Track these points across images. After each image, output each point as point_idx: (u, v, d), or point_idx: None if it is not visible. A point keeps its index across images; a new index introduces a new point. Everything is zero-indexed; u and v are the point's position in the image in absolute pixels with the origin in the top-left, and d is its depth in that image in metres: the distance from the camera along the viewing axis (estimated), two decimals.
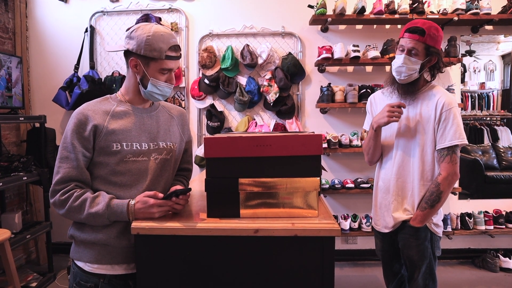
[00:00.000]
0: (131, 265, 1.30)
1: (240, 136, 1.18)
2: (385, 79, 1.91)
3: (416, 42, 1.68)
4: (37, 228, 3.03)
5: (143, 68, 1.30)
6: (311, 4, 3.24)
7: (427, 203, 1.73)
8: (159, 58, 1.27)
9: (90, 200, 1.22)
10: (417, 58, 1.69)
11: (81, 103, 3.39)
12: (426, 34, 1.66)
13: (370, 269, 3.45)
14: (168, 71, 1.33)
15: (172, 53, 1.30)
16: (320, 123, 3.50)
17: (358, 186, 3.31)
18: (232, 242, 1.15)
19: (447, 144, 1.69)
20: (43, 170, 3.00)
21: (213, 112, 3.41)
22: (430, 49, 1.69)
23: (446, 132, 1.69)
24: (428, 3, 3.23)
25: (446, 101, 1.70)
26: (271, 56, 3.32)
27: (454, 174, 1.70)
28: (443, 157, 1.71)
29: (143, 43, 1.26)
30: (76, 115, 1.28)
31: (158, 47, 1.26)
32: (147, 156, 1.33)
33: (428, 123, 1.73)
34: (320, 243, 1.12)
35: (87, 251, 1.29)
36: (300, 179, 1.18)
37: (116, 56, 3.53)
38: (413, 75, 1.73)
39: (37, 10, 3.58)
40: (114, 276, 1.29)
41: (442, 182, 1.69)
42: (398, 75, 1.75)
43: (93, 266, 1.28)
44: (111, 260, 1.28)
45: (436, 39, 1.69)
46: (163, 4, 3.49)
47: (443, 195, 1.70)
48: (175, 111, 1.52)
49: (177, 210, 1.27)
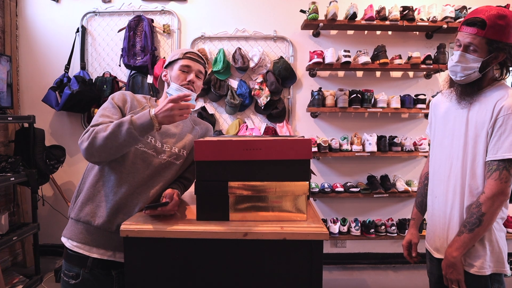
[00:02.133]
0: (108, 252, 1.36)
1: (230, 140, 1.19)
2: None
3: (475, 37, 1.37)
4: (24, 229, 2.99)
5: (169, 74, 1.53)
6: (303, 9, 3.27)
7: (465, 227, 1.42)
8: (179, 58, 1.50)
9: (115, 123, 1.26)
10: (476, 55, 1.40)
11: (71, 103, 3.36)
12: (488, 27, 1.34)
13: (359, 273, 3.47)
14: (187, 68, 1.49)
15: (190, 54, 1.52)
16: (310, 127, 3.53)
17: (348, 190, 3.33)
18: (221, 245, 1.15)
19: (499, 157, 1.36)
20: (31, 171, 2.97)
21: (204, 115, 3.41)
22: (494, 45, 1.37)
23: (500, 142, 1.36)
24: (418, 10, 3.28)
25: (509, 103, 1.35)
26: (263, 59, 3.34)
27: (500, 194, 1.36)
28: (490, 172, 1.38)
29: (169, 56, 1.56)
30: (117, 92, 1.49)
31: (177, 52, 1.53)
32: (156, 153, 1.42)
33: (482, 128, 1.41)
34: (308, 246, 1.14)
35: (72, 228, 1.38)
36: (289, 183, 1.19)
37: (107, 57, 3.52)
38: (472, 75, 1.43)
39: (27, 9, 3.55)
40: (96, 264, 1.35)
41: (485, 203, 1.37)
42: (453, 75, 1.49)
43: (73, 244, 1.37)
44: (90, 242, 1.35)
45: (504, 31, 1.35)
46: (155, 6, 3.49)
47: (486, 217, 1.37)
48: (202, 124, 1.65)
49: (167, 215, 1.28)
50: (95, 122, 1.32)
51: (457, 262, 1.43)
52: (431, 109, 1.73)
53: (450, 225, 1.52)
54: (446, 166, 1.56)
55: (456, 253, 1.42)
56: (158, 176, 1.42)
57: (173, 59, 1.52)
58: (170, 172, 1.45)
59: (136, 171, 1.37)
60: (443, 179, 1.57)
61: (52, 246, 3.59)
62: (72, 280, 1.35)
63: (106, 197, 1.35)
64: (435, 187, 1.63)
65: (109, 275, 1.37)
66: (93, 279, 1.35)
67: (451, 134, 1.55)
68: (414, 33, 3.50)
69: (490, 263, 1.43)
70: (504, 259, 1.44)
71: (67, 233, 1.40)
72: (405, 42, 3.49)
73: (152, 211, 1.24)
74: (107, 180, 1.37)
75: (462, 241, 1.41)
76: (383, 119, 3.55)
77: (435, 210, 1.62)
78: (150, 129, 1.24)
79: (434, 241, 1.61)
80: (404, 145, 3.30)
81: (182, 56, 1.50)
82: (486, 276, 1.43)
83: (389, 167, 3.57)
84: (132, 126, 1.22)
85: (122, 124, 1.23)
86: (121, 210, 1.34)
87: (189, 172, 1.56)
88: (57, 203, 3.58)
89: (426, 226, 1.71)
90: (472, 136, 1.45)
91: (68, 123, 3.57)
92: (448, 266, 1.45)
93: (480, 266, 1.43)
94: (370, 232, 3.31)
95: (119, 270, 1.38)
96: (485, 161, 1.42)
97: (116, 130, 1.23)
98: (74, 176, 3.61)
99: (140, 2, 3.50)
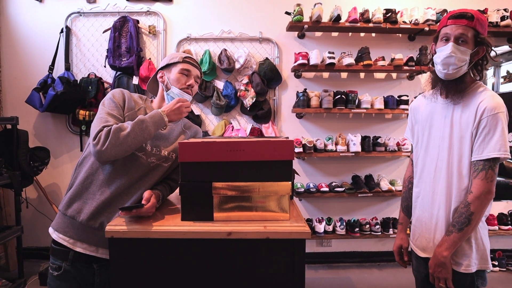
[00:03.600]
0: (91, 247, 1.39)
1: (214, 141, 1.21)
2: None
3: (465, 28, 1.42)
4: (7, 232, 2.95)
5: (166, 76, 1.58)
6: (288, 11, 3.30)
7: (454, 226, 1.45)
8: (178, 61, 1.57)
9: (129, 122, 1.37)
10: (466, 46, 1.43)
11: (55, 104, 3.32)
12: (475, 19, 1.41)
13: (344, 271, 3.52)
14: (187, 72, 1.57)
15: (189, 59, 1.60)
16: (296, 128, 3.57)
17: (333, 190, 3.38)
18: (206, 245, 1.17)
19: (484, 157, 1.40)
20: (14, 173, 2.93)
21: (190, 116, 3.41)
22: (478, 38, 1.43)
23: (485, 142, 1.40)
24: (401, 13, 3.35)
25: (490, 104, 1.40)
26: (248, 61, 3.36)
27: (488, 192, 1.40)
28: (477, 172, 1.42)
29: (166, 59, 1.62)
30: (114, 90, 1.50)
31: (176, 56, 1.60)
32: (146, 156, 1.45)
33: (467, 129, 1.45)
34: (291, 245, 1.16)
35: (59, 221, 1.43)
36: (272, 183, 1.21)
37: (92, 57, 3.49)
38: (463, 68, 1.46)
39: (10, 8, 3.50)
40: (77, 258, 1.39)
41: (473, 202, 1.41)
42: (445, 69, 1.47)
43: (59, 236, 1.41)
44: (74, 235, 1.39)
45: (485, 27, 1.44)
46: (141, 6, 3.48)
47: (474, 217, 1.41)
48: (192, 127, 1.71)
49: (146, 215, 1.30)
50: (105, 122, 1.36)
51: (447, 262, 1.46)
52: (411, 113, 1.75)
53: (438, 225, 1.55)
54: (431, 168, 1.59)
55: (446, 252, 1.45)
56: (145, 178, 1.45)
57: (172, 61, 1.58)
58: (157, 174, 1.48)
59: (125, 173, 1.40)
60: (428, 181, 1.60)
61: (36, 249, 3.55)
62: (55, 272, 1.41)
63: (93, 195, 1.39)
64: (421, 189, 1.66)
65: (91, 268, 1.42)
66: (74, 271, 1.40)
67: (436, 136, 1.58)
68: (397, 35, 3.57)
69: (476, 260, 1.48)
70: (488, 256, 1.50)
71: (54, 224, 1.44)
72: (388, 44, 3.55)
73: (127, 213, 1.25)
74: (96, 179, 1.40)
75: (452, 241, 1.45)
76: (367, 120, 3.60)
77: (421, 211, 1.65)
78: (162, 125, 1.42)
79: (421, 241, 1.64)
80: (388, 145, 3.36)
81: (181, 60, 1.57)
82: (472, 273, 1.48)
83: (373, 167, 3.63)
84: (150, 124, 1.37)
85: (142, 122, 1.36)
86: (106, 209, 1.37)
87: (176, 173, 1.58)
88: (41, 206, 3.54)
89: (411, 226, 1.75)
90: (457, 138, 1.48)
91: (52, 125, 3.53)
92: (437, 265, 1.48)
93: (467, 264, 1.47)
94: (355, 231, 3.37)
95: (100, 263, 1.42)
96: (470, 161, 1.45)
97: (137, 129, 1.34)
98: (59, 178, 3.58)
99: (125, 2, 3.48)
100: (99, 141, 1.30)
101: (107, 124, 1.34)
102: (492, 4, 3.45)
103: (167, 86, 1.58)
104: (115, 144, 1.30)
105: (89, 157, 1.43)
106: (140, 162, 1.43)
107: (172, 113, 1.44)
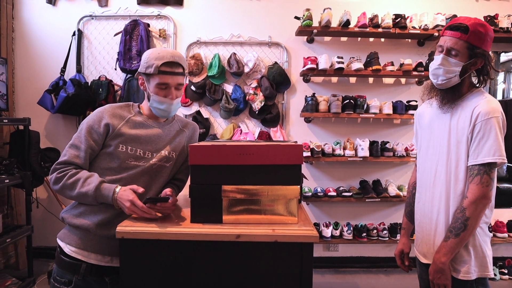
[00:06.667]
0: (106, 257, 1.37)
1: (224, 145, 1.22)
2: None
3: (457, 41, 1.42)
4: (17, 232, 2.99)
5: (146, 84, 1.44)
6: (297, 15, 3.32)
7: (451, 232, 1.44)
8: (154, 73, 1.38)
9: (82, 180, 1.33)
10: (458, 59, 1.44)
11: (66, 106, 3.37)
12: (470, 32, 1.40)
13: (351, 276, 3.51)
14: (164, 85, 1.40)
15: (167, 68, 1.38)
16: (304, 132, 3.57)
17: (340, 194, 3.38)
18: (215, 247, 1.19)
19: (479, 161, 1.40)
20: (25, 173, 2.98)
21: (199, 119, 3.44)
22: (474, 50, 1.42)
23: (479, 147, 1.40)
24: (410, 18, 3.35)
25: (484, 109, 1.40)
26: (257, 65, 3.38)
27: (483, 197, 1.39)
28: (472, 177, 1.42)
29: (143, 62, 1.41)
30: (95, 112, 1.43)
31: (151, 63, 1.38)
32: (147, 162, 1.44)
33: (463, 134, 1.45)
34: (299, 248, 1.17)
35: (71, 234, 1.39)
36: (281, 187, 1.22)
37: (103, 60, 3.54)
38: (453, 79, 1.47)
39: (24, 12, 3.57)
40: (89, 271, 1.36)
41: (469, 207, 1.40)
42: (434, 79, 1.52)
43: (72, 249, 1.37)
44: (88, 247, 1.36)
45: (483, 38, 1.42)
46: (152, 10, 3.52)
47: (470, 222, 1.39)
48: (189, 125, 1.63)
49: (165, 213, 1.33)
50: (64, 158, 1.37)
51: (445, 268, 1.45)
52: (416, 120, 1.77)
53: (437, 231, 1.55)
54: (431, 173, 1.59)
55: (444, 258, 1.44)
56: (152, 181, 1.45)
57: (147, 71, 1.40)
58: (163, 176, 1.48)
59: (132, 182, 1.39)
60: (428, 186, 1.61)
61: (46, 248, 3.59)
62: (64, 286, 1.36)
63: (105, 206, 1.37)
64: (421, 194, 1.66)
65: (103, 281, 1.39)
66: (86, 286, 1.36)
67: (434, 142, 1.59)
68: (406, 40, 3.56)
69: (475, 267, 1.46)
70: (488, 263, 1.48)
71: (65, 238, 1.40)
72: (398, 49, 3.55)
73: (152, 205, 1.27)
74: None
75: (449, 247, 1.44)
76: (375, 125, 3.60)
77: (422, 217, 1.65)
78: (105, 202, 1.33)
79: (422, 247, 1.64)
80: (396, 150, 3.35)
81: (157, 72, 1.38)
82: (471, 280, 1.46)
83: (381, 172, 3.62)
84: (95, 200, 1.33)
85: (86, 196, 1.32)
86: (120, 218, 1.34)
87: (182, 173, 1.59)
88: (51, 206, 3.59)
89: (415, 232, 1.74)
90: (454, 143, 1.49)
91: (63, 126, 3.58)
92: (436, 271, 1.47)
93: (466, 271, 1.46)
94: (362, 236, 3.35)
95: (112, 276, 1.39)
96: (467, 166, 1.45)
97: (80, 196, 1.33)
98: None
99: (136, 6, 3.53)
100: (51, 179, 1.36)
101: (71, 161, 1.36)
102: (503, 10, 3.44)
103: (148, 96, 1.46)
104: (61, 193, 1.36)
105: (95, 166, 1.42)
106: (142, 168, 1.42)
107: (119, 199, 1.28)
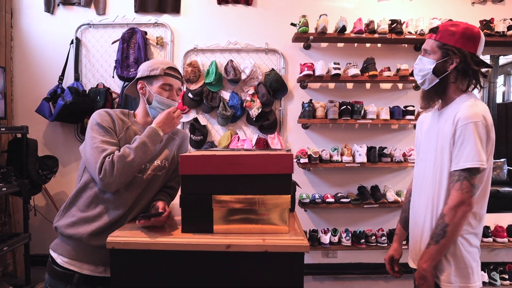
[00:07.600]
0: (99, 268, 1.38)
1: (214, 155, 1.23)
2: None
3: (429, 41, 1.53)
4: (15, 239, 3.00)
5: (148, 87, 1.51)
6: (293, 22, 3.33)
7: (432, 239, 1.44)
8: (159, 74, 1.49)
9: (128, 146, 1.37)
10: (430, 57, 1.52)
11: (64, 114, 3.37)
12: (439, 31, 1.50)
13: (350, 283, 3.49)
14: (169, 87, 1.51)
15: (171, 71, 1.52)
16: (301, 138, 3.57)
17: (338, 200, 3.37)
18: (206, 257, 1.18)
19: (459, 167, 1.39)
20: (23, 181, 2.98)
21: (196, 126, 3.45)
22: (444, 47, 1.48)
23: (460, 153, 1.39)
24: (406, 23, 3.36)
25: (464, 114, 1.40)
26: (254, 71, 3.39)
27: (462, 204, 1.36)
28: (453, 182, 1.41)
29: (146, 67, 1.52)
30: (101, 111, 1.45)
31: (157, 67, 1.50)
32: (141, 173, 1.45)
33: (447, 140, 1.45)
34: (290, 258, 1.17)
35: (64, 244, 1.39)
36: (272, 196, 1.22)
37: (101, 68, 3.56)
38: (428, 77, 1.53)
39: (22, 21, 3.59)
40: (82, 281, 1.36)
41: (448, 213, 1.38)
42: (417, 79, 1.61)
43: (64, 260, 1.38)
44: (82, 258, 1.37)
45: (454, 36, 1.47)
46: (149, 18, 3.54)
47: (449, 228, 1.38)
48: (179, 133, 1.67)
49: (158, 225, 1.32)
50: (103, 151, 1.33)
51: (427, 274, 1.44)
52: (418, 126, 1.77)
53: (423, 237, 1.55)
54: (420, 179, 1.61)
55: (425, 265, 1.43)
56: (145, 191, 1.46)
57: (152, 74, 1.49)
58: (156, 184, 1.50)
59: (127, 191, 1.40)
60: (417, 192, 1.62)
61: (44, 256, 3.57)
62: None
63: (100, 217, 1.37)
64: (414, 201, 1.67)
65: None
66: None
67: (425, 147, 1.61)
68: (403, 45, 3.57)
69: (456, 277, 1.44)
70: (471, 275, 1.45)
71: (57, 249, 1.40)
72: (394, 55, 3.56)
73: (146, 221, 1.27)
74: (101, 202, 1.39)
75: (430, 253, 1.43)
76: (373, 130, 3.60)
77: (413, 222, 1.67)
78: (159, 141, 1.43)
79: (412, 253, 1.65)
80: (394, 156, 3.34)
81: (163, 73, 1.49)
82: None
83: (379, 178, 3.61)
84: (150, 143, 1.38)
85: (144, 144, 1.37)
86: (113, 228, 1.34)
87: (173, 181, 1.60)
88: (49, 213, 3.58)
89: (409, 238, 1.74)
90: (440, 149, 1.49)
91: (61, 134, 3.59)
92: (420, 277, 1.46)
93: (445, 279, 1.45)
94: (360, 242, 3.34)
95: (105, 286, 1.39)
96: (449, 171, 1.44)
97: (140, 152, 1.35)
98: (67, 186, 3.62)
99: (134, 14, 3.55)
100: (106, 173, 1.29)
101: (107, 153, 1.33)
102: (498, 14, 3.45)
103: (148, 99, 1.51)
104: (122, 172, 1.31)
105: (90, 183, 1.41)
106: (136, 179, 1.43)
107: (166, 126, 1.44)
